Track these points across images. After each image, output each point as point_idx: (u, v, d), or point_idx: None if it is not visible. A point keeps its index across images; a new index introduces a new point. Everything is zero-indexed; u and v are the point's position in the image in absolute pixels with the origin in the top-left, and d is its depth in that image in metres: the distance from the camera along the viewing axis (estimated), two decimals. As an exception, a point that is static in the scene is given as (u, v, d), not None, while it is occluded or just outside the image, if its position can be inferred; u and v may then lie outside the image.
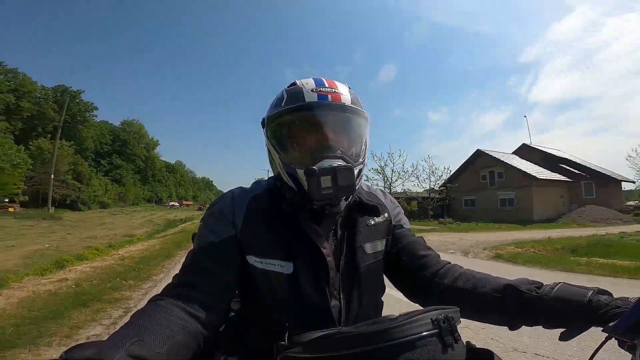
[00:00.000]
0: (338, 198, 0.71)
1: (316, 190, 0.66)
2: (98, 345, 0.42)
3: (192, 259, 0.69)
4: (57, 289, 4.74)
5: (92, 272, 6.05)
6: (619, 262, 6.38)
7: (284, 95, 0.77)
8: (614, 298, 0.58)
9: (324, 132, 0.72)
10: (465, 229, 17.99)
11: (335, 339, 0.46)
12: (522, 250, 8.92)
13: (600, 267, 6.25)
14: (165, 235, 16.56)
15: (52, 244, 11.76)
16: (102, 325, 3.42)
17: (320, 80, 0.77)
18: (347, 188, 0.67)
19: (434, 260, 0.81)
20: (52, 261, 6.92)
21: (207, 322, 0.60)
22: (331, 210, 0.73)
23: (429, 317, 0.46)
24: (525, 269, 6.49)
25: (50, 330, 3.17)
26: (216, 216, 0.75)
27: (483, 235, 13.73)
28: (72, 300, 4.15)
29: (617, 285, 4.76)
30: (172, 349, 0.50)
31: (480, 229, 17.92)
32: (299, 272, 0.70)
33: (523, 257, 7.80)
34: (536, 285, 0.65)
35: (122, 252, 9.10)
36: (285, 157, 0.74)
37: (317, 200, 0.68)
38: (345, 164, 0.69)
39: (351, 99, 0.75)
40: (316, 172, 0.66)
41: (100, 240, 13.05)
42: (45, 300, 4.14)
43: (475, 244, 10.73)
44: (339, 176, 0.66)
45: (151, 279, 5.79)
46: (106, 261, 7.38)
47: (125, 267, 6.60)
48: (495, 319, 0.69)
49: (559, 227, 17.48)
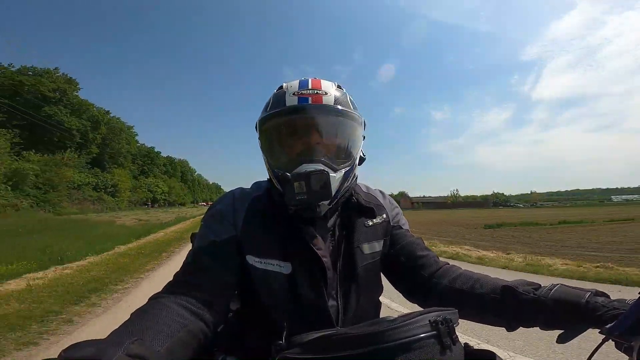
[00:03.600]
0: (312, 203, 0.69)
1: (290, 196, 0.67)
2: (97, 343, 0.41)
3: (193, 258, 0.70)
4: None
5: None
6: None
7: (270, 99, 0.77)
8: (611, 300, 0.59)
9: (304, 136, 0.72)
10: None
11: (333, 340, 0.46)
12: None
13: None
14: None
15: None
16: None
17: (306, 81, 0.76)
18: (321, 193, 0.67)
19: (432, 260, 0.81)
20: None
21: (207, 320, 0.60)
22: (309, 215, 0.72)
23: (427, 318, 0.46)
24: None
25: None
26: (217, 217, 0.75)
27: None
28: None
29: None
30: (171, 347, 0.50)
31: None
32: (297, 273, 0.70)
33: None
34: (534, 286, 0.65)
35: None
36: (271, 161, 0.75)
37: (292, 205, 0.69)
38: (323, 168, 0.69)
39: (336, 98, 0.74)
40: (288, 178, 0.67)
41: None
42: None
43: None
44: (313, 181, 0.66)
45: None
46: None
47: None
48: (493, 320, 0.69)
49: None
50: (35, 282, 5.08)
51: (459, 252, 8.14)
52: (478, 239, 12.98)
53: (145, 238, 12.52)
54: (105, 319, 3.67)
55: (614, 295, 0.60)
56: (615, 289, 4.19)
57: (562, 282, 0.66)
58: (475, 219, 28.47)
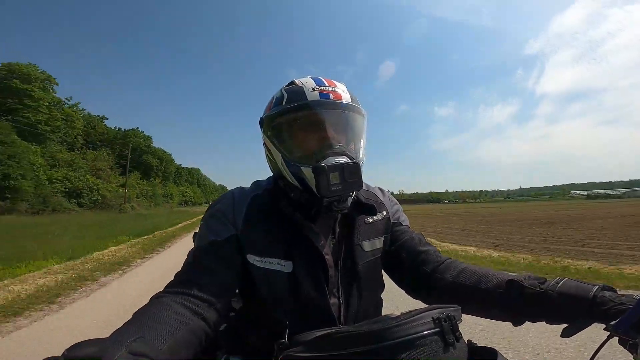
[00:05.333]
0: (346, 194, 0.71)
1: (326, 187, 0.66)
2: (99, 342, 0.41)
3: (194, 257, 0.70)
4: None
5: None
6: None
7: (284, 94, 0.77)
8: (619, 295, 0.58)
9: (328, 130, 0.73)
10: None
11: (336, 338, 0.45)
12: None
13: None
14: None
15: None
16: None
17: (320, 79, 0.77)
18: (355, 183, 0.68)
19: (433, 255, 0.81)
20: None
21: (209, 319, 0.60)
22: (339, 206, 0.73)
23: (430, 315, 0.46)
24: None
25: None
26: (217, 216, 0.75)
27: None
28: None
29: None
30: (173, 346, 0.50)
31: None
32: (298, 271, 0.70)
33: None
34: (540, 280, 0.65)
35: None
36: (289, 156, 0.74)
37: (327, 196, 0.68)
38: (351, 160, 0.70)
39: (350, 97, 0.77)
40: (325, 169, 0.66)
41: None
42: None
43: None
44: (347, 172, 0.67)
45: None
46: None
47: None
48: (498, 315, 0.69)
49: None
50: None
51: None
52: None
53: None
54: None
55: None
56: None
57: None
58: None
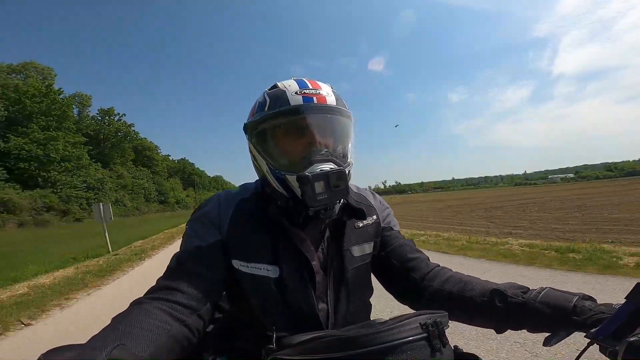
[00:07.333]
0: (333, 202, 0.70)
1: (311, 196, 0.64)
2: (77, 348, 0.40)
3: (177, 262, 0.67)
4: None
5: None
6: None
7: (266, 98, 0.74)
8: (598, 304, 0.60)
9: (312, 136, 0.70)
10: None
11: (324, 342, 0.46)
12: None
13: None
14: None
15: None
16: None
17: (303, 81, 0.75)
18: (341, 192, 0.66)
19: (423, 263, 0.81)
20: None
21: (191, 326, 0.59)
22: (325, 214, 0.71)
23: (417, 321, 0.46)
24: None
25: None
26: (202, 220, 0.73)
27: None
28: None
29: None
30: (155, 353, 0.49)
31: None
32: (285, 277, 0.69)
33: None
34: (522, 290, 0.66)
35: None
36: (274, 163, 0.71)
37: (313, 206, 0.66)
38: (337, 166, 0.68)
39: (335, 98, 0.74)
40: (309, 179, 0.64)
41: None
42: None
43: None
44: (332, 180, 0.65)
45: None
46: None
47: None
48: (482, 322, 0.70)
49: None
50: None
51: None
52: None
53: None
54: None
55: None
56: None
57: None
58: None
